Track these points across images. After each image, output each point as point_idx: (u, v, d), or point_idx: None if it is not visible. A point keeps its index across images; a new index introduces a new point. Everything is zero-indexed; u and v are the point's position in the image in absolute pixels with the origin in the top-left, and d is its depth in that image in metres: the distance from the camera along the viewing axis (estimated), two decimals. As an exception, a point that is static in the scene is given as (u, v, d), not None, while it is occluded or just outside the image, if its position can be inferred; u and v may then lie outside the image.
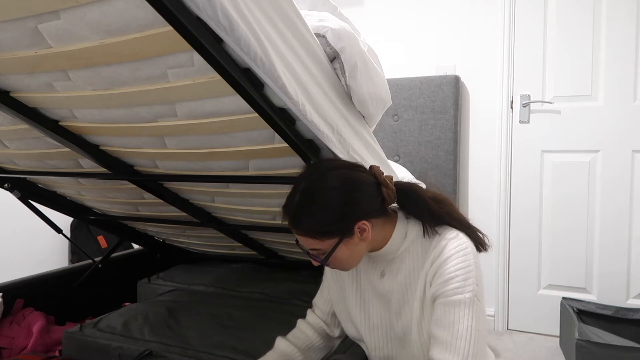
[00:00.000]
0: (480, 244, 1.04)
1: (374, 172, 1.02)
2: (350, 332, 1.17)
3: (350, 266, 1.02)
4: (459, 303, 0.93)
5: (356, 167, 1.01)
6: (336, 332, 1.23)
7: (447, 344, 0.92)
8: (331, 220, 0.94)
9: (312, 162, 1.09)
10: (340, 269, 1.03)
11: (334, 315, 1.22)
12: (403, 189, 1.05)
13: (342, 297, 1.16)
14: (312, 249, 0.98)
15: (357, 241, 0.97)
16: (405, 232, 1.04)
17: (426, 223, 1.02)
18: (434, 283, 0.97)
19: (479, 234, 1.05)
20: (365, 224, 0.96)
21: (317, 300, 1.25)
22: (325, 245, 0.96)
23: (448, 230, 1.01)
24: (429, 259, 0.99)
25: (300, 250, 2.16)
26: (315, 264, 1.02)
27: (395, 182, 1.05)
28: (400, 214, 1.06)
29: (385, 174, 1.03)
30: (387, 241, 1.03)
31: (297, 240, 1.02)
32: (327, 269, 1.21)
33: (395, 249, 1.04)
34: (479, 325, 0.93)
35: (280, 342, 1.21)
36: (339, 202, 0.94)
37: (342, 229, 0.95)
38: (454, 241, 0.98)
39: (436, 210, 1.02)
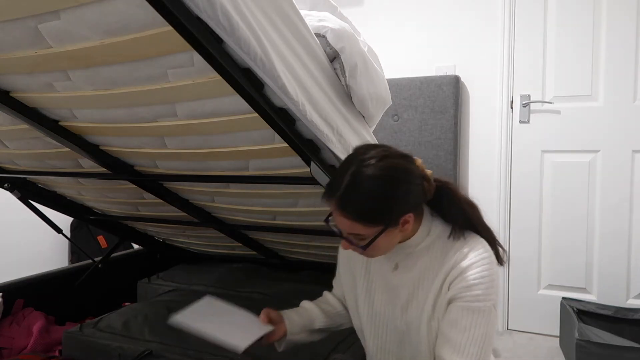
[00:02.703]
0: (498, 258, 1.04)
1: (418, 164, 1.01)
2: (355, 322, 1.16)
3: (380, 254, 1.02)
4: (478, 310, 0.94)
5: (407, 158, 1.00)
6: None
7: (460, 346, 0.93)
8: (381, 209, 0.93)
9: (360, 146, 1.04)
10: (369, 255, 1.02)
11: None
12: (441, 186, 1.04)
13: (353, 285, 1.15)
14: (352, 234, 0.96)
15: (397, 232, 0.97)
16: (429, 230, 1.03)
17: (456, 225, 1.02)
18: (454, 286, 0.96)
19: (500, 248, 1.05)
20: (410, 216, 0.96)
21: (335, 288, 1.25)
22: (367, 232, 0.94)
23: (473, 237, 1.01)
24: (449, 262, 0.98)
25: (301, 250, 2.17)
26: (346, 247, 1.00)
27: (435, 178, 1.04)
28: (426, 211, 1.05)
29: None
30: (411, 235, 1.03)
31: (327, 219, 1.00)
32: (340, 258, 1.20)
33: (416, 244, 1.03)
34: (492, 334, 0.95)
35: (304, 303, 1.21)
36: (391, 192, 0.93)
37: (389, 219, 0.94)
38: (479, 249, 0.98)
39: (469, 214, 1.02)
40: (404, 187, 0.95)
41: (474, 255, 0.97)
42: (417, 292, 1.02)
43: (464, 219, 1.02)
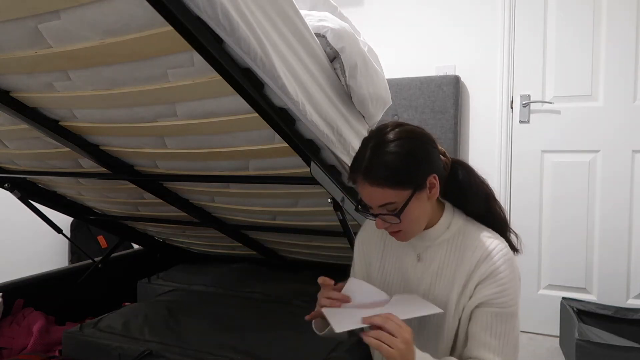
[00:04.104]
0: (512, 246, 1.05)
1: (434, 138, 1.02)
2: None
3: (414, 233, 1.01)
4: (511, 315, 0.97)
5: (423, 129, 1.02)
6: None
7: (498, 349, 0.96)
8: (406, 168, 0.94)
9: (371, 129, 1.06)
10: (402, 234, 1.01)
11: None
12: (458, 163, 1.06)
13: (367, 279, 1.14)
14: (385, 204, 0.96)
15: (425, 197, 0.97)
16: (450, 222, 1.04)
17: (475, 214, 1.04)
18: (484, 290, 0.97)
19: (514, 234, 1.07)
20: (435, 177, 0.97)
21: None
22: (398, 197, 0.94)
23: (492, 234, 1.02)
24: (472, 258, 0.99)
25: (301, 250, 2.17)
26: (381, 225, 0.99)
27: (450, 156, 1.06)
28: (448, 204, 1.06)
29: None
30: (433, 225, 1.03)
31: (357, 207, 1.01)
32: (356, 253, 1.19)
33: (436, 236, 1.04)
34: (519, 331, 1.00)
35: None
36: (414, 152, 0.95)
37: (416, 179, 0.95)
38: (503, 248, 0.99)
39: (487, 194, 1.04)
40: (425, 146, 0.97)
41: (498, 254, 0.98)
42: (433, 287, 1.03)
43: (480, 198, 1.03)
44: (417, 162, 0.95)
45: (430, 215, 1.02)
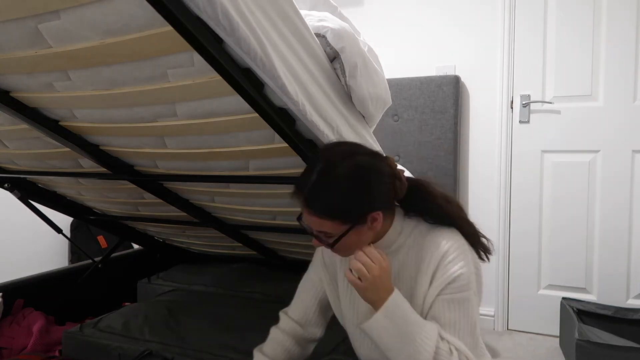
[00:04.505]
0: (485, 250, 1.04)
1: (389, 163, 1.01)
2: (341, 322, 1.16)
3: (351, 253, 1.00)
4: (465, 300, 0.95)
5: (377, 156, 1.00)
6: (317, 333, 1.20)
7: (455, 335, 0.95)
8: (347, 206, 0.93)
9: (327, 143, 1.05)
10: (340, 254, 1.02)
11: (318, 311, 1.19)
12: (415, 184, 1.04)
13: (337, 295, 1.14)
14: (320, 231, 0.96)
15: (366, 230, 0.97)
16: (401, 229, 1.03)
17: (431, 221, 1.02)
18: (436, 278, 0.96)
19: (484, 239, 1.05)
20: (378, 214, 0.96)
21: (303, 296, 1.21)
22: (335, 229, 0.94)
23: (446, 230, 1.01)
24: (428, 258, 0.98)
25: (301, 250, 2.17)
26: (317, 244, 1.00)
27: (407, 177, 1.04)
28: (398, 210, 1.05)
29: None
30: (382, 235, 1.02)
31: (299, 217, 1.00)
32: (316, 262, 1.19)
33: (389, 245, 1.03)
34: (477, 320, 0.98)
35: (258, 358, 1.17)
36: (358, 189, 0.93)
37: (356, 217, 0.94)
38: (455, 240, 0.98)
39: (446, 209, 1.02)
40: (372, 185, 0.95)
41: (451, 248, 0.97)
42: None
43: (441, 215, 1.02)
44: (360, 200, 0.94)
45: (380, 229, 1.00)
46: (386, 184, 0.97)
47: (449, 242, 0.98)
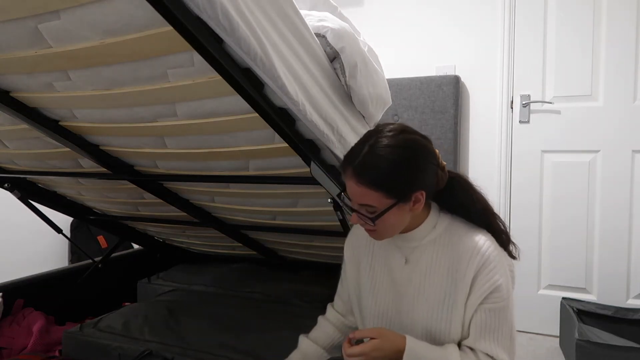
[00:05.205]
0: (512, 254, 1.05)
1: (436, 150, 1.02)
2: (358, 321, 1.17)
3: (388, 236, 1.02)
4: (504, 309, 0.97)
5: (427, 139, 1.01)
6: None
7: (497, 343, 0.98)
8: (396, 178, 0.93)
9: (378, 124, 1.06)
10: (375, 236, 1.02)
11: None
12: (456, 177, 1.05)
13: (357, 284, 1.15)
14: (364, 204, 0.96)
15: (407, 209, 0.97)
16: (435, 223, 1.04)
17: (467, 218, 1.03)
18: (478, 286, 0.97)
19: (513, 244, 1.06)
20: (422, 194, 0.96)
21: (339, 290, 1.25)
22: (380, 203, 0.95)
23: (483, 233, 1.01)
24: (466, 261, 0.98)
25: (301, 250, 2.17)
26: (355, 221, 1.00)
27: (448, 170, 1.05)
28: (434, 205, 1.06)
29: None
30: (416, 226, 1.03)
31: (339, 194, 1.00)
32: (346, 257, 1.20)
33: (421, 237, 1.03)
34: (514, 322, 1.01)
35: (303, 342, 1.22)
36: (408, 164, 0.94)
37: (402, 192, 0.94)
38: (493, 247, 0.99)
39: (484, 207, 1.03)
40: (421, 162, 0.96)
41: (489, 250, 0.97)
42: (424, 288, 1.02)
43: (478, 213, 1.03)
44: (408, 175, 0.94)
45: (415, 218, 1.02)
46: (433, 167, 0.98)
47: (489, 249, 0.98)
